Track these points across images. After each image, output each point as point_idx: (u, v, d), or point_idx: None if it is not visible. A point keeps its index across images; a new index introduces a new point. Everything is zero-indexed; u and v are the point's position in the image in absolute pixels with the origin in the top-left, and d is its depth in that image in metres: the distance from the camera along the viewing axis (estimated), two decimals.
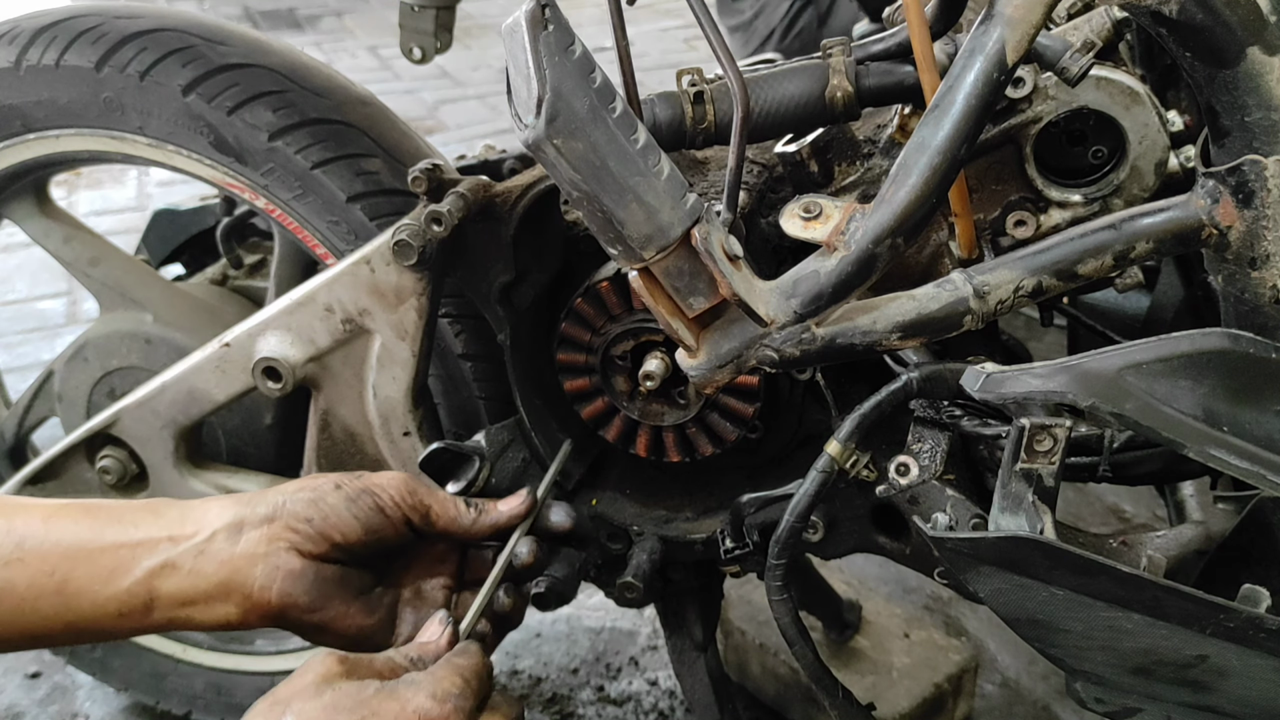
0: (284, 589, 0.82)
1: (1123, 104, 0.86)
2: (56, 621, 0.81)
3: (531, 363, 1.09)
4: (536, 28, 0.70)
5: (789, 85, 0.89)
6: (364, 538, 0.85)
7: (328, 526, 0.84)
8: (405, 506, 0.87)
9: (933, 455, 0.87)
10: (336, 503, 0.85)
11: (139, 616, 0.82)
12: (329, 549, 0.84)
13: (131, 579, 0.81)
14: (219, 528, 0.83)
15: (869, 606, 1.57)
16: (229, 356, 1.09)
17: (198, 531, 0.83)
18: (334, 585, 0.84)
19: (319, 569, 0.83)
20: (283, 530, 0.83)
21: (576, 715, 1.57)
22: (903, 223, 0.75)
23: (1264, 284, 0.73)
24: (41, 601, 0.80)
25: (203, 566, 0.82)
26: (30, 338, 2.50)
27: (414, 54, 1.32)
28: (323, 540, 0.83)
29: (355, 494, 0.85)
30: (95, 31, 1.13)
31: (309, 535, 0.83)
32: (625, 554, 1.09)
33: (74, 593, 0.81)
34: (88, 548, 0.82)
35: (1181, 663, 0.74)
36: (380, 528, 0.86)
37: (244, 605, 0.82)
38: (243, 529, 0.83)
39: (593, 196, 0.74)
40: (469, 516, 0.90)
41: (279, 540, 0.83)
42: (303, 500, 0.85)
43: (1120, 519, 1.92)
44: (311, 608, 0.83)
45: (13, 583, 0.80)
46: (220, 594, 0.82)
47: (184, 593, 0.82)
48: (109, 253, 1.31)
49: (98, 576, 0.81)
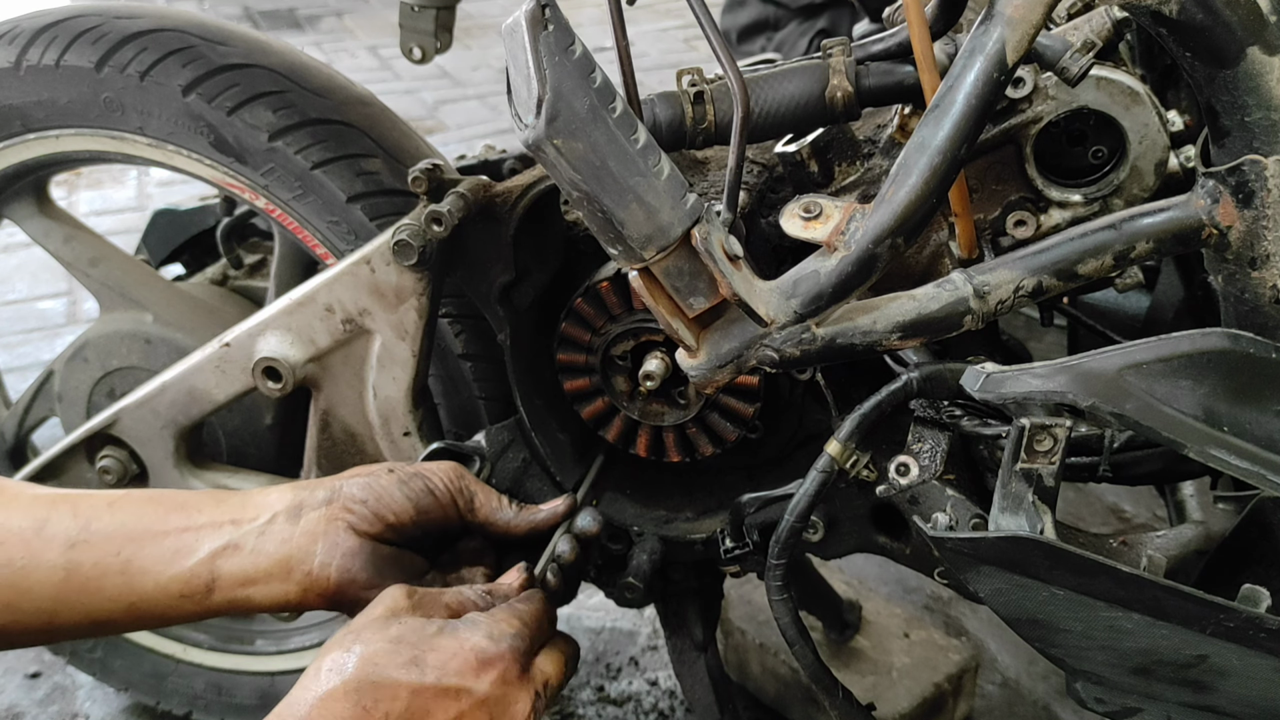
0: (343, 565, 0.85)
1: (1123, 104, 0.86)
2: (119, 602, 0.83)
3: (531, 363, 1.09)
4: (536, 28, 0.70)
5: (789, 85, 0.89)
6: (415, 517, 0.89)
7: (382, 507, 0.87)
8: (454, 490, 0.91)
9: (933, 455, 0.87)
10: (389, 484, 0.89)
11: (200, 597, 0.84)
12: (383, 529, 0.87)
13: (195, 559, 0.84)
14: (279, 510, 0.87)
15: (869, 606, 1.57)
16: (229, 356, 1.09)
17: (259, 514, 0.87)
18: (389, 565, 0.87)
19: (375, 548, 0.87)
20: (340, 511, 0.87)
21: (576, 715, 1.57)
22: (903, 223, 0.75)
23: (1264, 284, 0.73)
24: (106, 581, 0.83)
25: (264, 546, 0.85)
26: (30, 338, 2.50)
27: (414, 54, 1.32)
28: (377, 520, 0.87)
29: (408, 477, 0.90)
30: (95, 31, 1.13)
31: (364, 515, 0.87)
32: (625, 554, 1.09)
33: (138, 572, 0.83)
34: (153, 530, 0.85)
35: (1181, 663, 0.74)
36: (430, 509, 0.89)
37: (304, 583, 0.85)
38: (302, 510, 0.87)
39: (593, 196, 0.74)
40: (510, 511, 0.94)
41: (337, 520, 0.86)
42: (358, 483, 0.89)
43: (1120, 519, 1.92)
44: (369, 584, 0.85)
45: (79, 563, 0.82)
46: (281, 572, 0.85)
47: (245, 572, 0.84)
48: (109, 253, 1.31)
49: (162, 557, 0.84)
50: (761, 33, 2.86)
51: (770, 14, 2.84)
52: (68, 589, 0.82)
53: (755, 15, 2.87)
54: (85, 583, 0.82)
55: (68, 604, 0.83)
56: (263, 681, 1.41)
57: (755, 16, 2.87)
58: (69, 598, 0.83)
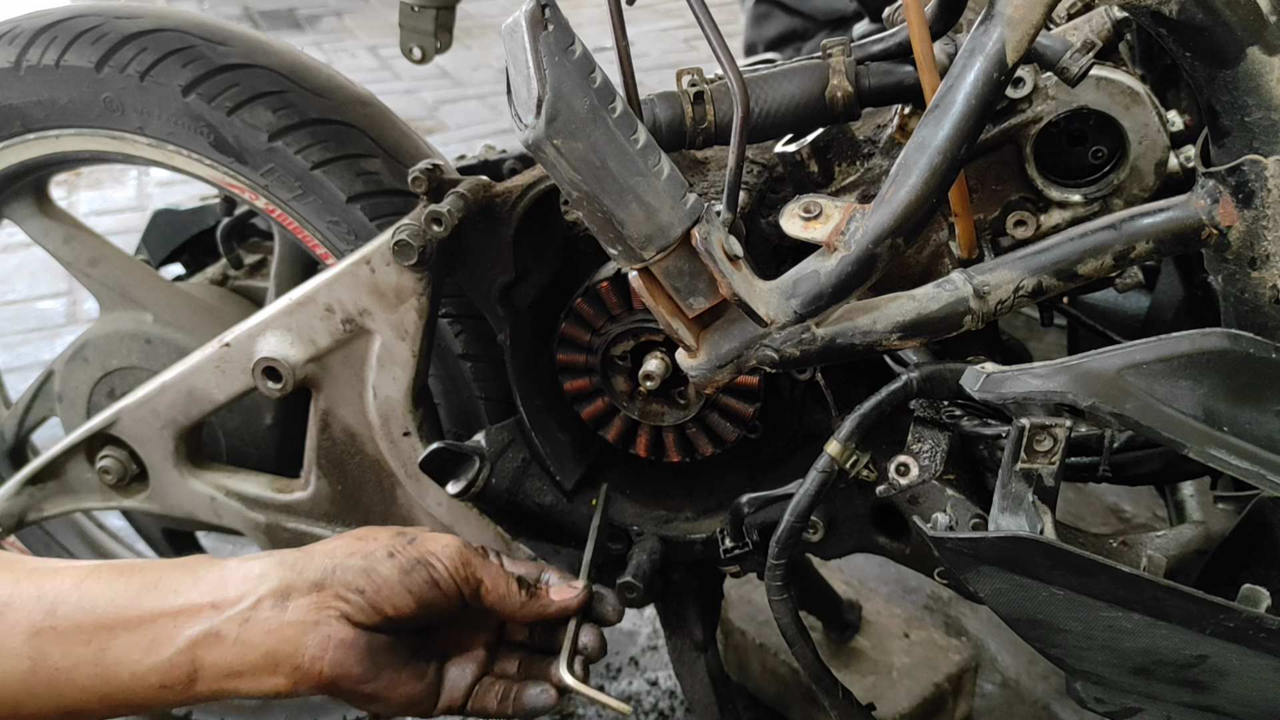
0: (336, 659, 0.80)
1: (1123, 104, 0.86)
2: (92, 694, 0.77)
3: (531, 363, 1.09)
4: (536, 28, 0.70)
5: (789, 85, 0.89)
6: (416, 611, 0.83)
7: (380, 599, 0.81)
8: (459, 579, 0.85)
9: (933, 455, 0.87)
10: (390, 574, 0.82)
11: (181, 688, 0.79)
12: (381, 621, 0.82)
13: (174, 649, 0.78)
14: (264, 595, 0.80)
15: (869, 606, 1.57)
16: (229, 356, 1.09)
17: (242, 597, 0.80)
18: (385, 654, 0.82)
19: (371, 639, 0.81)
20: (333, 599, 0.80)
21: (576, 715, 1.57)
22: (903, 223, 0.75)
23: (1264, 284, 0.73)
24: (77, 672, 0.77)
25: (249, 636, 0.79)
26: (30, 338, 2.50)
27: (414, 54, 1.32)
28: (375, 612, 0.81)
29: (409, 565, 0.83)
30: (95, 31, 1.13)
31: (361, 607, 0.81)
32: (625, 554, 1.09)
33: (112, 663, 0.77)
34: (125, 615, 0.78)
35: (1181, 663, 0.74)
36: (434, 601, 0.83)
37: (294, 676, 0.80)
38: (290, 596, 0.80)
39: (593, 196, 0.74)
40: (519, 599, 0.87)
41: (329, 609, 0.80)
42: (354, 569, 0.82)
43: (1120, 519, 1.92)
44: (364, 678, 0.81)
45: (46, 653, 0.76)
46: (268, 665, 0.79)
47: (230, 664, 0.79)
48: (109, 253, 1.31)
49: (138, 646, 0.78)
50: (789, 45, 2.81)
51: (798, 26, 2.79)
52: (34, 680, 0.76)
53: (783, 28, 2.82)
54: (54, 674, 0.76)
55: (34, 695, 0.77)
56: None
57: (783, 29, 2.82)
58: (36, 689, 0.77)
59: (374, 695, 0.83)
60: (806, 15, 2.74)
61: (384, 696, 0.83)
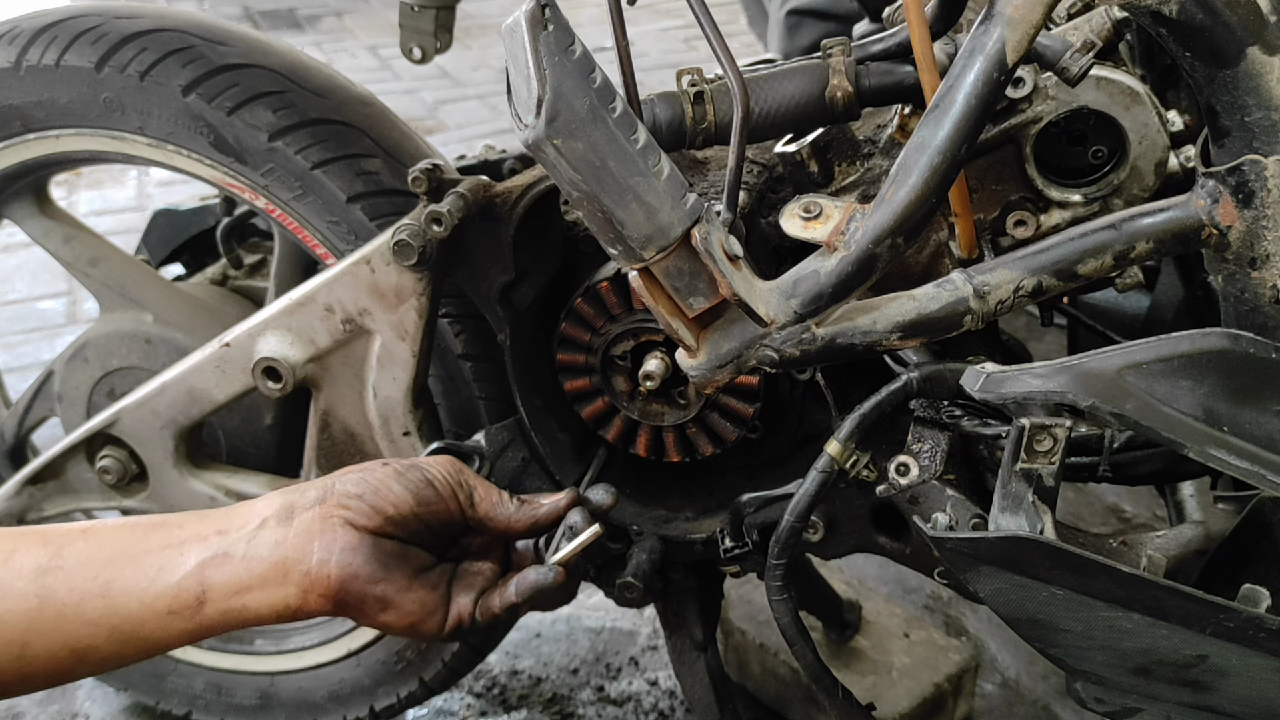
0: (343, 560, 0.80)
1: (1123, 104, 0.86)
2: (101, 626, 0.77)
3: (531, 363, 1.09)
4: (536, 28, 0.70)
5: (789, 85, 0.89)
6: (416, 510, 0.84)
7: (379, 500, 0.83)
8: (453, 483, 0.87)
9: (933, 455, 0.87)
10: (385, 476, 0.84)
11: (191, 612, 0.79)
12: (383, 522, 0.83)
13: (182, 573, 0.78)
14: (269, 514, 0.82)
15: (869, 606, 1.57)
16: (229, 356, 1.09)
17: (247, 522, 0.82)
18: (393, 559, 0.83)
19: (376, 542, 0.82)
20: (335, 508, 0.82)
21: (576, 715, 1.57)
22: (903, 223, 0.75)
23: (1264, 284, 0.73)
24: (85, 606, 0.77)
25: (256, 550, 0.80)
26: (30, 338, 2.50)
27: (414, 54, 1.32)
28: (376, 514, 0.82)
29: (404, 469, 0.86)
30: (95, 31, 1.13)
31: (362, 509, 0.82)
32: (625, 554, 1.09)
33: (120, 592, 0.77)
34: (132, 550, 0.79)
35: (1181, 663, 0.74)
36: (430, 500, 0.85)
37: (303, 584, 0.80)
38: (294, 512, 0.82)
39: (593, 196, 0.74)
40: (511, 506, 0.89)
41: (332, 517, 0.81)
42: (352, 479, 0.84)
43: (1120, 519, 1.92)
44: (373, 578, 0.81)
45: (53, 589, 0.77)
46: (277, 576, 0.80)
47: (238, 580, 0.79)
48: (109, 253, 1.31)
49: (145, 575, 0.78)
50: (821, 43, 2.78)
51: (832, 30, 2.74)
52: (41, 617, 0.76)
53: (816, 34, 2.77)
54: (61, 609, 0.76)
55: (42, 633, 0.76)
56: (263, 681, 1.41)
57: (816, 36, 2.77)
58: (43, 626, 0.76)
59: (384, 599, 0.82)
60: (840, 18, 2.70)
61: (395, 602, 0.83)
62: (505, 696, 1.60)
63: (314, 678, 1.39)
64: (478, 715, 1.57)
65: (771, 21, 2.82)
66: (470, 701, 1.59)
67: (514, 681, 1.63)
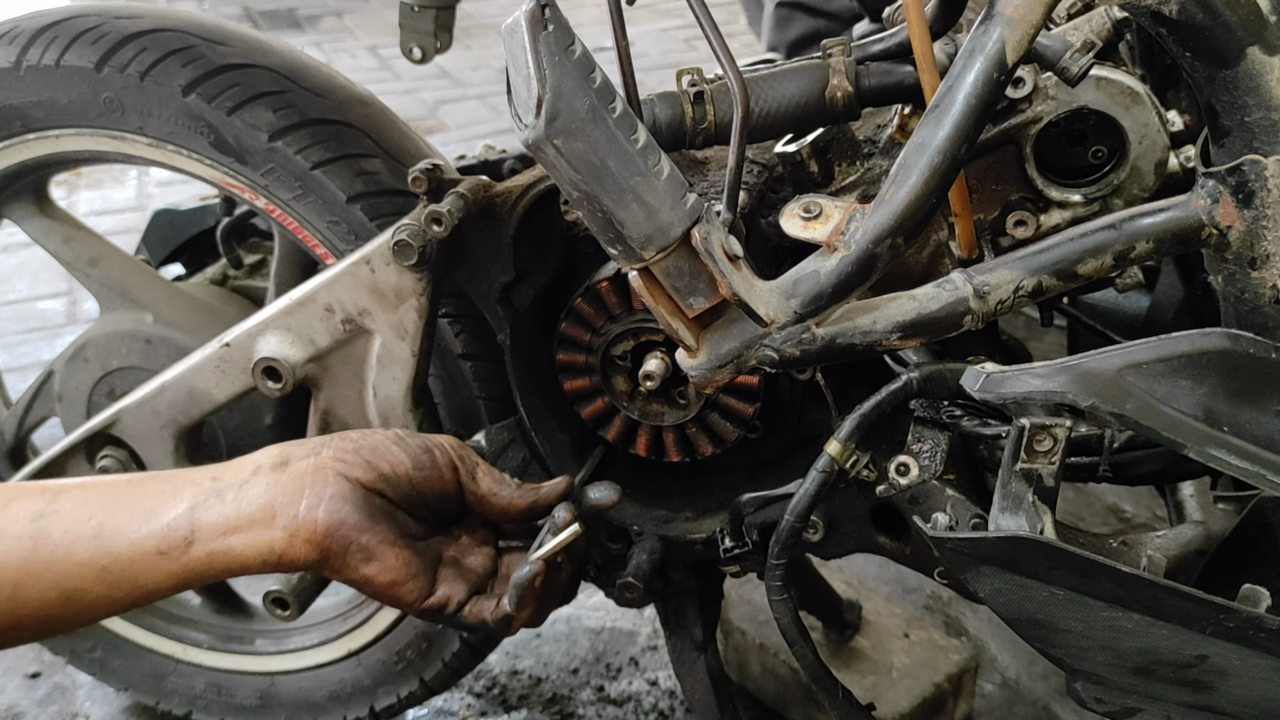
0: (332, 508, 0.80)
1: (1123, 104, 0.86)
2: (91, 567, 0.78)
3: (531, 363, 1.09)
4: (536, 28, 0.70)
5: (789, 85, 0.89)
6: (411, 473, 0.84)
7: (375, 457, 0.83)
8: (455, 456, 0.87)
9: (933, 455, 0.87)
10: (385, 438, 0.85)
11: (179, 553, 0.79)
12: (376, 478, 0.83)
13: (173, 514, 0.80)
14: (264, 463, 0.83)
15: (869, 606, 1.57)
16: (229, 356, 1.09)
17: (242, 468, 0.83)
18: (381, 514, 0.83)
19: (367, 495, 0.82)
20: (330, 460, 0.82)
21: (576, 715, 1.57)
22: (903, 223, 0.75)
23: (1264, 284, 0.73)
24: (76, 546, 0.78)
25: (247, 494, 0.81)
26: (30, 338, 2.50)
27: (414, 54, 1.32)
28: (370, 469, 0.83)
29: (405, 435, 0.86)
30: (95, 31, 1.13)
31: (357, 463, 0.82)
32: (625, 554, 1.09)
33: (111, 533, 0.79)
34: (127, 495, 0.81)
35: (1181, 663, 0.74)
36: (427, 466, 0.85)
37: (290, 527, 0.80)
38: (289, 461, 0.83)
39: (593, 196, 0.74)
40: (513, 488, 0.89)
41: (326, 468, 0.82)
42: (351, 436, 0.85)
43: (1120, 519, 1.92)
44: (359, 526, 0.81)
45: (47, 531, 0.78)
46: (264, 517, 0.80)
47: (226, 520, 0.80)
48: (109, 253, 1.31)
49: (136, 516, 0.80)
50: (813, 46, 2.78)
51: (821, 27, 2.74)
52: (34, 558, 0.78)
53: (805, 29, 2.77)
54: (54, 550, 0.78)
55: (34, 574, 0.78)
56: (263, 681, 1.41)
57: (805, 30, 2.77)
58: (35, 567, 0.78)
59: (368, 550, 0.81)
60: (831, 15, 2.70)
61: (379, 555, 0.82)
62: (505, 696, 1.60)
63: (314, 678, 1.39)
64: (478, 715, 1.57)
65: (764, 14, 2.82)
66: (470, 701, 1.59)
67: (514, 681, 1.63)
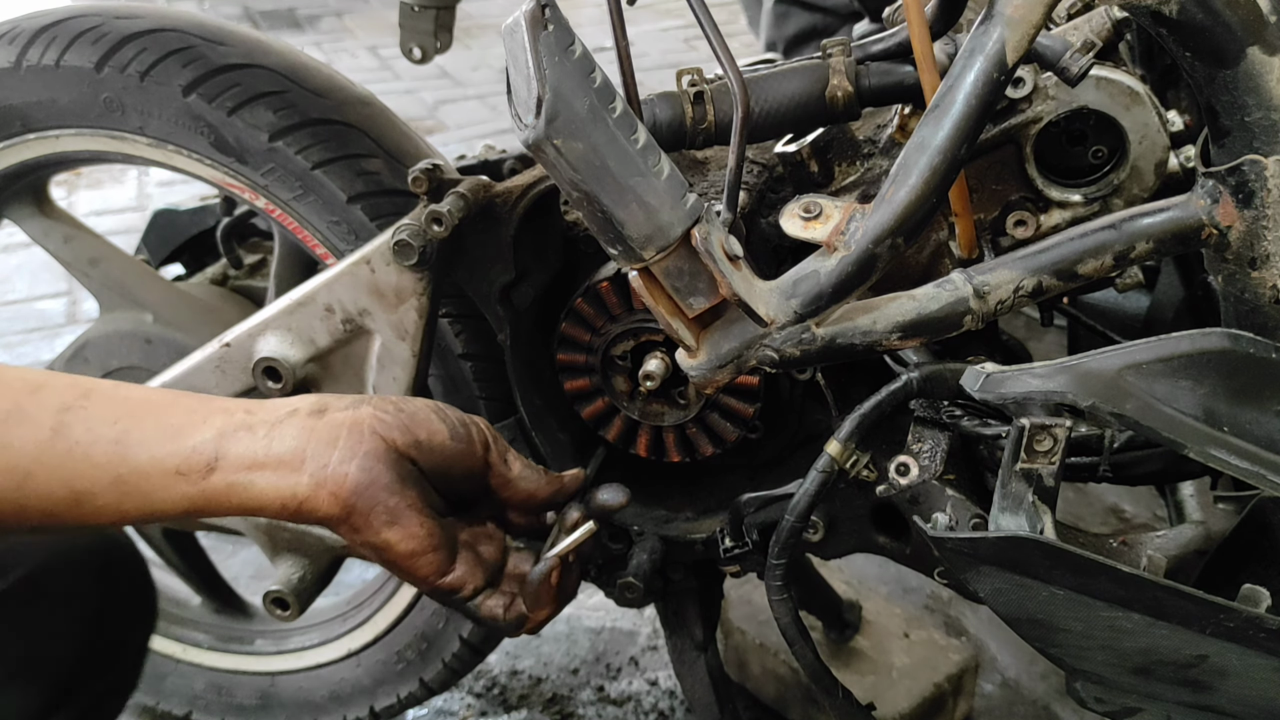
0: (365, 465, 0.77)
1: (1123, 104, 0.86)
2: (106, 471, 0.74)
3: (531, 363, 1.09)
4: (536, 28, 0.70)
5: (789, 85, 0.89)
6: (447, 444, 0.81)
7: (414, 422, 0.80)
8: (489, 436, 0.85)
9: (933, 455, 0.87)
10: (423, 406, 0.82)
11: (198, 476, 0.75)
12: (412, 444, 0.80)
13: (199, 438, 0.76)
14: (301, 406, 0.79)
15: (869, 606, 1.57)
16: (229, 356, 1.09)
17: (278, 407, 0.79)
18: (412, 480, 0.80)
19: (400, 459, 0.79)
20: (368, 415, 0.79)
21: (576, 715, 1.57)
22: (903, 223, 0.75)
23: (1264, 284, 0.73)
24: (95, 449, 0.74)
25: (280, 432, 0.77)
26: (30, 338, 2.51)
27: (414, 54, 1.32)
28: (408, 432, 0.80)
29: (444, 406, 0.84)
30: (95, 32, 1.13)
31: (396, 424, 0.79)
32: (625, 554, 1.09)
33: (134, 443, 0.75)
34: (157, 406, 0.77)
35: (1181, 663, 0.74)
36: (462, 440, 0.82)
37: (318, 476, 0.76)
38: (327, 410, 0.79)
39: (593, 196, 0.74)
40: (540, 475, 0.87)
41: (363, 424, 0.78)
42: (391, 398, 0.82)
43: (1120, 519, 1.92)
44: (390, 488, 0.77)
45: (69, 425, 0.75)
46: (294, 460, 0.76)
47: (253, 455, 0.76)
48: (109, 253, 1.31)
49: (163, 432, 0.76)
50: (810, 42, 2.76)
51: (819, 22, 2.74)
52: (51, 450, 0.74)
53: (803, 24, 2.76)
54: (72, 446, 0.74)
55: (47, 466, 0.74)
56: (263, 681, 1.41)
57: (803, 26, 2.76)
58: (50, 459, 0.74)
59: (394, 513, 0.78)
60: (828, 10, 2.69)
61: (404, 520, 0.79)
62: (505, 696, 1.60)
63: (314, 678, 1.39)
64: (478, 715, 1.57)
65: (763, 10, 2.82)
66: (470, 701, 1.59)
67: (514, 681, 1.63)
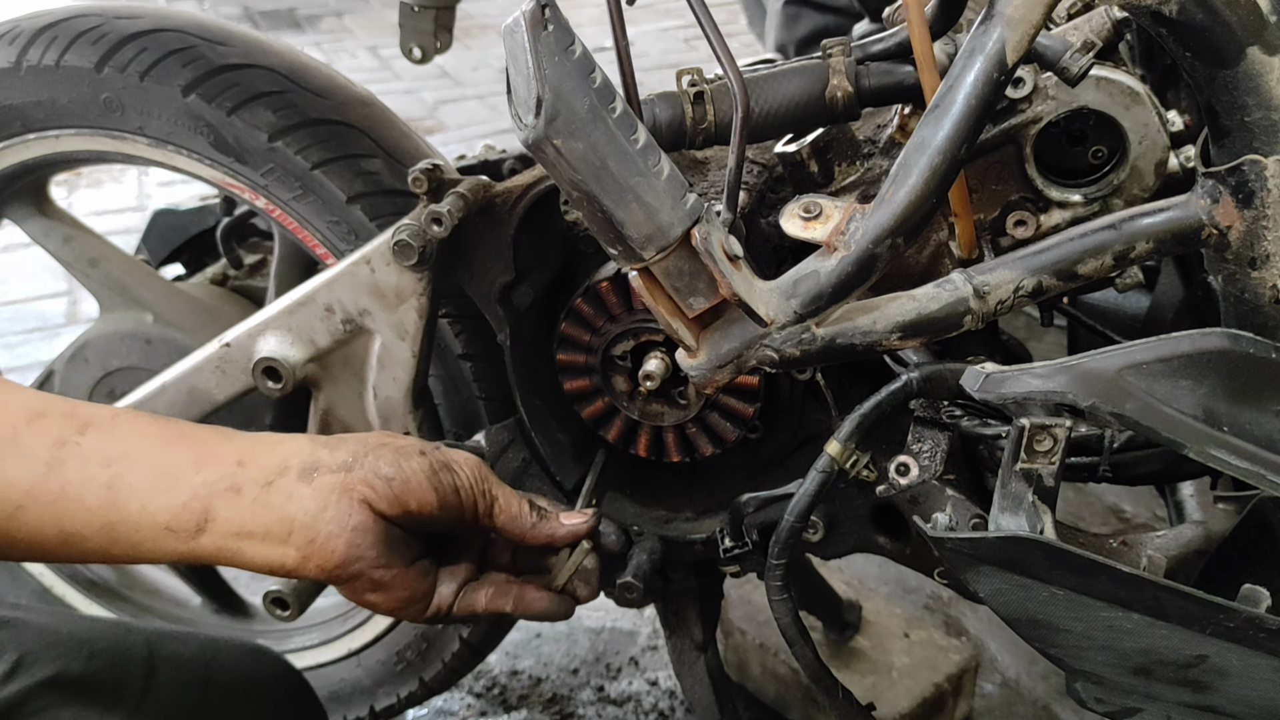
0: (352, 540, 0.78)
1: (1123, 104, 0.86)
2: (96, 516, 0.75)
3: (531, 363, 1.09)
4: (536, 28, 0.70)
5: (789, 85, 0.89)
6: (437, 513, 0.82)
7: (406, 492, 0.80)
8: (478, 492, 0.85)
9: (933, 455, 0.87)
10: (419, 469, 0.82)
11: (187, 536, 0.77)
12: (401, 514, 0.81)
13: (189, 494, 0.76)
14: (293, 464, 0.79)
15: (869, 606, 1.57)
16: (229, 356, 1.09)
17: (268, 463, 0.79)
18: (398, 546, 0.81)
19: (388, 528, 0.80)
20: (359, 483, 0.79)
21: (576, 715, 1.57)
22: (903, 223, 0.75)
23: (1264, 284, 0.73)
24: (87, 491, 0.75)
25: (268, 498, 0.77)
26: (30, 338, 2.51)
27: (414, 54, 1.32)
28: (397, 504, 0.80)
29: (438, 466, 0.83)
30: (95, 32, 1.13)
31: (386, 495, 0.80)
32: (625, 554, 1.09)
33: (125, 489, 0.76)
34: (150, 451, 0.77)
35: (1181, 663, 0.74)
36: (453, 507, 0.83)
37: (305, 550, 0.78)
38: (318, 470, 0.79)
39: (593, 196, 0.74)
40: (530, 519, 0.87)
41: (354, 491, 0.79)
42: (386, 458, 0.81)
43: (1120, 519, 1.92)
44: (376, 564, 0.79)
45: (64, 463, 0.75)
46: (281, 532, 0.77)
47: (242, 522, 0.77)
48: (109, 253, 1.31)
49: (154, 482, 0.76)
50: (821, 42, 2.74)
51: (830, 23, 2.72)
52: (44, 487, 0.74)
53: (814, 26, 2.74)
54: (64, 485, 0.74)
55: (39, 502, 0.74)
56: None
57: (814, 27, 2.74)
58: (42, 496, 0.74)
59: (380, 584, 0.81)
60: (840, 11, 2.68)
61: (388, 586, 0.81)
62: (505, 696, 1.60)
63: (314, 678, 1.38)
64: (478, 715, 1.57)
65: (769, 14, 2.80)
66: (470, 701, 1.59)
67: (514, 681, 1.63)
